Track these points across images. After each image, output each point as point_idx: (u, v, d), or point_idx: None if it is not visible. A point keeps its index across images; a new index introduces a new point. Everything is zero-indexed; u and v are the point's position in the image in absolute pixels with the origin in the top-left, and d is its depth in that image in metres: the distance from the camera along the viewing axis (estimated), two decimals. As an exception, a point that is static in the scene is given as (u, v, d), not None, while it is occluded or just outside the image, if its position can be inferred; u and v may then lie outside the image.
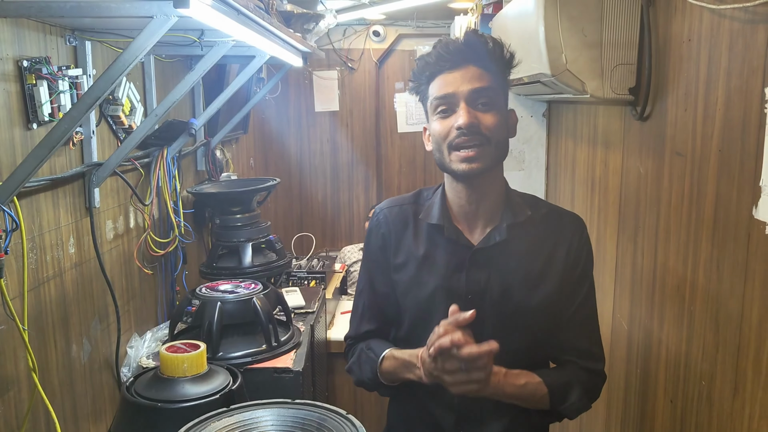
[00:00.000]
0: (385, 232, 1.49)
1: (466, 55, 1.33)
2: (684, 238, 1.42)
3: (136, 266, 2.39)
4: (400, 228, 1.48)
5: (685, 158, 1.41)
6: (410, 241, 1.46)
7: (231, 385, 1.90)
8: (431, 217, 1.44)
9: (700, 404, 1.34)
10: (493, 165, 1.36)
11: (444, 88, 1.33)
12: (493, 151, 1.33)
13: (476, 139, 1.31)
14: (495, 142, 1.33)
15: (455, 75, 1.33)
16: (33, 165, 1.46)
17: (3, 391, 1.57)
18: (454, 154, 1.33)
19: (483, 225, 1.41)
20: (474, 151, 1.31)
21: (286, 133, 4.81)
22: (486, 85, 1.33)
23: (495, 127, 1.32)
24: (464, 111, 1.30)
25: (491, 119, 1.32)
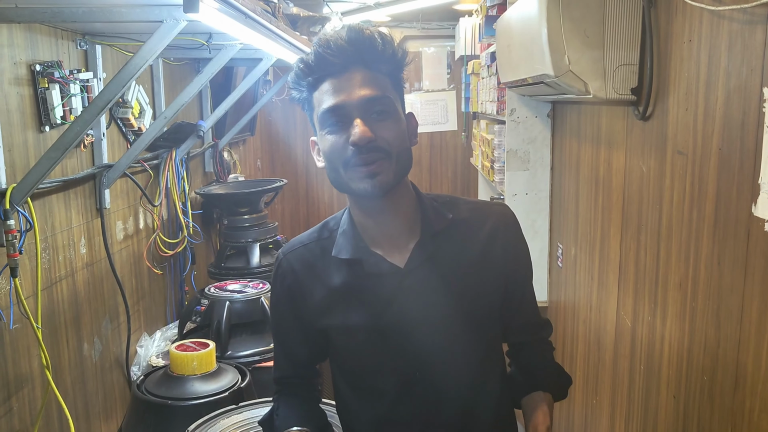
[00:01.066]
0: (291, 283, 1.27)
1: (353, 56, 1.13)
2: (686, 236, 1.43)
3: (146, 266, 2.42)
4: (309, 272, 1.26)
5: (686, 157, 1.43)
6: (324, 284, 1.25)
7: (240, 383, 1.93)
8: (344, 251, 1.23)
9: (702, 399, 1.35)
10: (398, 180, 1.16)
11: (332, 99, 1.13)
12: (395, 166, 1.14)
13: (375, 156, 1.12)
14: (396, 155, 1.14)
15: (342, 81, 1.13)
16: (46, 167, 1.50)
17: (18, 389, 1.61)
18: (351, 172, 1.13)
19: (404, 243, 1.22)
20: (374, 165, 1.12)
21: (292, 135, 4.84)
22: (379, 92, 1.13)
23: (394, 138, 1.13)
24: (359, 124, 1.11)
25: (389, 130, 1.13)
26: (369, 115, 1.13)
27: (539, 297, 2.80)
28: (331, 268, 1.24)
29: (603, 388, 2.07)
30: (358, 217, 1.23)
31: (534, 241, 2.80)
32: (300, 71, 1.16)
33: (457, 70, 4.72)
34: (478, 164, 3.83)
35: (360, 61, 1.13)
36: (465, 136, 4.63)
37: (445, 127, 4.84)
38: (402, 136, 1.16)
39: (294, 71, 1.17)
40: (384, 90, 1.14)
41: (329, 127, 1.14)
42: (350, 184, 1.15)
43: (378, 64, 1.15)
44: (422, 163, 4.86)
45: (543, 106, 2.75)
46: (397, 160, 1.14)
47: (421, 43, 4.75)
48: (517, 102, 2.76)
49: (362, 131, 1.10)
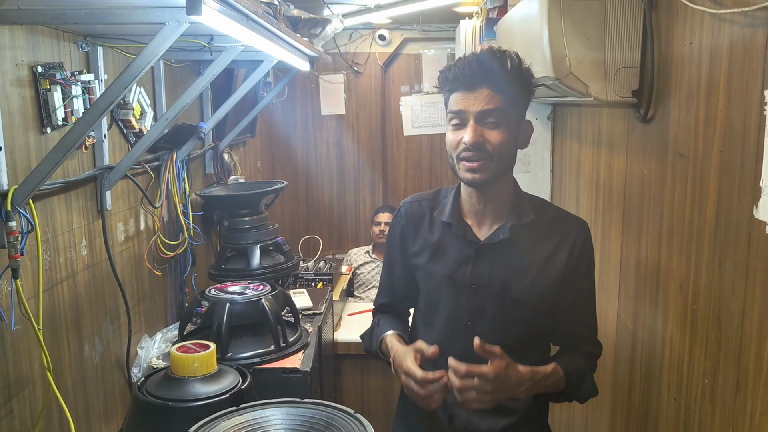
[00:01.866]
0: (404, 224, 1.67)
1: (481, 77, 1.43)
2: (687, 238, 1.44)
3: (147, 268, 2.43)
4: (418, 221, 1.65)
5: (687, 159, 1.44)
6: (426, 233, 1.63)
7: (240, 384, 1.92)
8: (444, 214, 1.59)
9: (703, 401, 1.36)
10: (496, 177, 1.47)
11: (457, 105, 1.45)
12: (496, 165, 1.45)
13: (480, 155, 1.44)
14: (498, 158, 1.45)
15: (468, 95, 1.44)
16: (48, 168, 1.50)
17: (18, 390, 1.61)
18: (461, 164, 1.47)
19: (490, 223, 1.55)
20: (477, 164, 1.44)
21: (293, 137, 4.84)
22: (495, 106, 1.43)
23: (500, 144, 1.44)
24: (471, 129, 1.43)
25: (497, 137, 1.43)
26: (483, 123, 1.44)
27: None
28: (432, 224, 1.62)
29: (603, 390, 2.07)
30: (463, 193, 1.58)
31: (534, 243, 2.80)
32: (442, 80, 1.50)
33: (458, 73, 4.71)
34: (478, 166, 3.84)
35: (486, 80, 1.43)
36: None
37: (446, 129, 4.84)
38: (508, 142, 1.46)
39: (439, 77, 1.51)
40: (499, 104, 1.43)
41: (453, 124, 1.48)
42: (458, 172, 1.49)
43: (501, 83, 1.43)
44: (422, 165, 4.86)
45: (543, 108, 2.76)
46: (498, 162, 1.45)
47: (421, 45, 4.76)
48: (517, 104, 2.76)
49: (473, 134, 1.42)
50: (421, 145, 4.83)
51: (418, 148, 4.85)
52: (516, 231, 1.51)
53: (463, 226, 1.56)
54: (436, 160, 4.88)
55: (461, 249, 1.56)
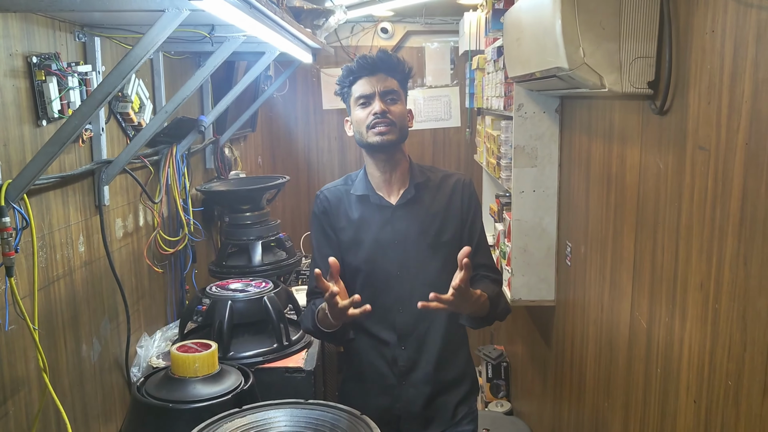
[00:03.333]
0: (326, 206, 1.95)
1: (379, 65, 1.85)
2: (708, 234, 1.38)
3: (146, 265, 2.37)
4: (337, 201, 1.94)
5: (708, 152, 1.38)
6: (346, 211, 1.93)
7: (243, 385, 1.88)
8: (358, 190, 1.92)
9: (726, 404, 1.30)
10: (399, 141, 1.86)
11: (363, 89, 1.85)
12: (398, 131, 1.84)
13: (386, 121, 1.82)
14: (399, 125, 1.84)
15: (371, 79, 1.85)
16: (43, 162, 1.44)
17: (14, 392, 1.55)
18: (371, 132, 1.83)
19: (397, 189, 1.91)
20: (386, 128, 1.82)
21: (294, 131, 4.78)
22: (393, 87, 1.86)
23: (399, 115, 1.85)
24: (378, 102, 1.83)
25: (397, 109, 1.85)
26: (385, 99, 1.85)
27: (546, 296, 2.76)
28: (351, 202, 1.93)
29: (615, 391, 2.01)
30: (370, 169, 1.92)
31: (541, 239, 2.75)
32: (346, 73, 1.89)
33: (461, 66, 4.66)
34: (482, 161, 3.77)
35: (383, 68, 1.86)
36: (469, 132, 4.57)
37: (449, 123, 4.78)
38: (404, 116, 1.88)
39: (341, 75, 1.91)
40: (395, 87, 1.88)
41: (360, 105, 1.85)
42: (368, 139, 1.84)
43: (393, 71, 1.88)
44: (425, 160, 4.79)
45: (551, 101, 2.70)
46: (399, 129, 1.85)
47: (424, 38, 4.69)
48: (524, 97, 2.70)
49: (381, 105, 1.83)
50: (423, 140, 4.77)
51: (420, 143, 4.79)
52: (418, 189, 1.90)
53: (378, 196, 1.91)
54: (439, 155, 4.82)
55: (380, 214, 1.90)
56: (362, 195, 1.91)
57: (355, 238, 1.91)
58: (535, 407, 3.30)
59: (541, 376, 3.10)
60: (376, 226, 1.90)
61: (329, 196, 1.97)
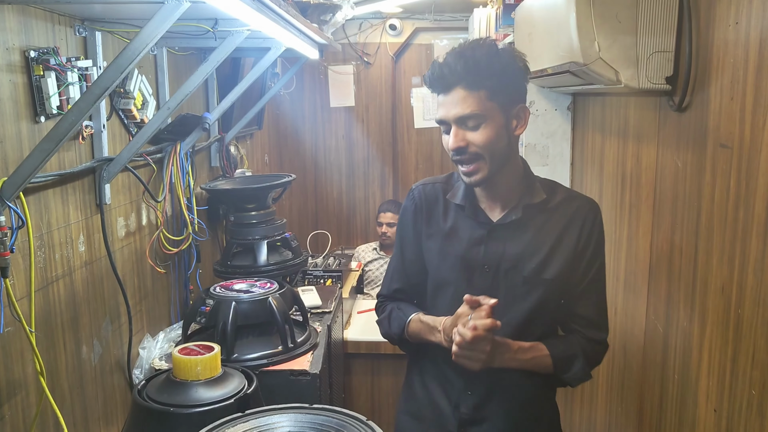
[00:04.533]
0: (418, 204, 1.66)
1: (452, 79, 1.42)
2: (730, 236, 1.32)
3: (149, 265, 2.32)
4: (432, 203, 1.64)
5: (730, 150, 1.32)
6: (439, 216, 1.62)
7: (246, 388, 1.83)
8: (456, 197, 1.60)
9: (750, 415, 1.24)
10: (493, 173, 1.48)
11: (439, 112, 1.47)
12: (488, 164, 1.46)
13: (469, 158, 1.45)
14: (489, 155, 1.45)
15: (445, 100, 1.45)
16: (39, 159, 1.40)
17: (10, 396, 1.51)
18: (458, 167, 1.51)
19: (502, 206, 1.56)
20: (469, 167, 1.47)
21: (301, 129, 4.73)
22: (471, 109, 1.42)
23: (485, 143, 1.44)
24: (453, 136, 1.45)
25: (480, 138, 1.43)
26: (464, 125, 1.44)
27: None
28: (446, 206, 1.62)
29: (630, 396, 1.95)
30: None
31: (552, 239, 2.68)
32: (426, 82, 1.50)
33: (470, 64, 4.59)
34: (492, 160, 3.72)
35: (458, 82, 1.42)
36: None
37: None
38: (495, 139, 1.45)
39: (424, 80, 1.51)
40: (476, 105, 1.42)
41: (443, 129, 1.50)
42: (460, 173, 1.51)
43: (475, 81, 1.41)
44: (434, 159, 4.74)
45: (563, 98, 2.64)
46: (490, 159, 1.46)
47: (433, 35, 4.63)
48: (536, 94, 2.64)
49: (453, 142, 1.45)
50: (432, 138, 4.71)
51: (429, 141, 4.73)
52: (528, 211, 1.53)
53: (476, 209, 1.57)
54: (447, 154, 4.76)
55: (474, 230, 1.57)
56: (458, 204, 1.59)
57: (441, 250, 1.61)
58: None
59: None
60: (468, 243, 1.57)
61: (424, 195, 1.66)
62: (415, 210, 1.66)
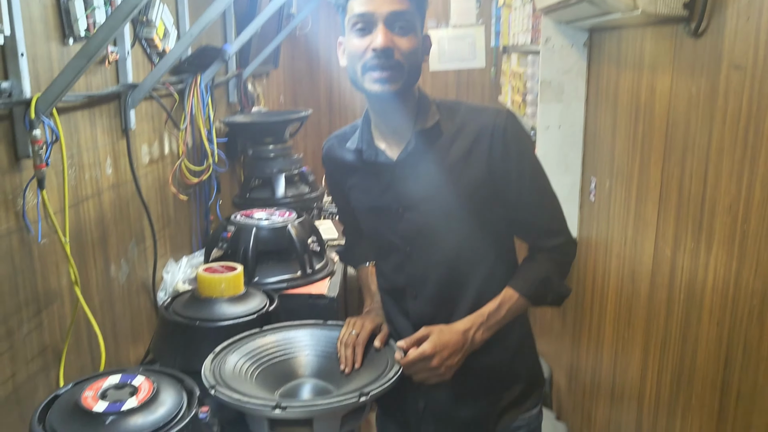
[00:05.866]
0: (327, 164, 1.61)
1: None
2: (739, 155, 1.36)
3: (171, 192, 2.39)
4: (340, 155, 1.54)
5: (744, 71, 1.34)
6: (345, 171, 1.54)
7: (268, 306, 1.91)
8: (352, 141, 1.50)
9: (750, 324, 1.30)
10: (406, 89, 1.37)
11: (363, 6, 1.32)
12: (406, 76, 1.34)
13: (390, 63, 1.32)
14: (408, 67, 1.34)
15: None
16: (71, 76, 1.45)
17: (47, 304, 1.60)
18: (368, 75, 1.34)
19: (399, 141, 1.44)
20: (387, 73, 1.32)
21: (315, 70, 4.74)
22: (405, 8, 1.32)
23: (410, 52, 1.34)
24: (381, 33, 1.30)
25: (407, 44, 1.33)
26: (392, 27, 1.32)
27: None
28: (349, 156, 1.50)
29: (636, 321, 2.02)
30: (372, 114, 1.47)
31: (565, 175, 2.72)
32: None
33: (487, 5, 4.55)
34: (507, 101, 3.72)
35: None
36: (494, 70, 4.49)
37: (473, 64, 4.70)
38: (417, 51, 1.36)
39: None
40: (409, 7, 1.32)
41: (357, 30, 1.33)
42: (364, 84, 1.35)
43: None
44: (448, 101, 4.74)
45: (580, 34, 2.64)
46: (408, 72, 1.34)
47: (451, -25, 4.58)
48: (552, 30, 2.64)
49: (384, 39, 1.30)
50: (447, 81, 4.71)
51: (444, 84, 4.73)
52: (423, 138, 1.41)
53: (375, 150, 1.45)
54: (462, 96, 4.77)
55: (378, 174, 1.46)
56: (355, 149, 1.48)
57: (357, 203, 1.55)
58: (553, 347, 3.33)
59: (561, 315, 3.12)
60: (376, 189, 1.47)
61: (331, 152, 1.58)
62: (329, 169, 1.62)
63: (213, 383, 1.42)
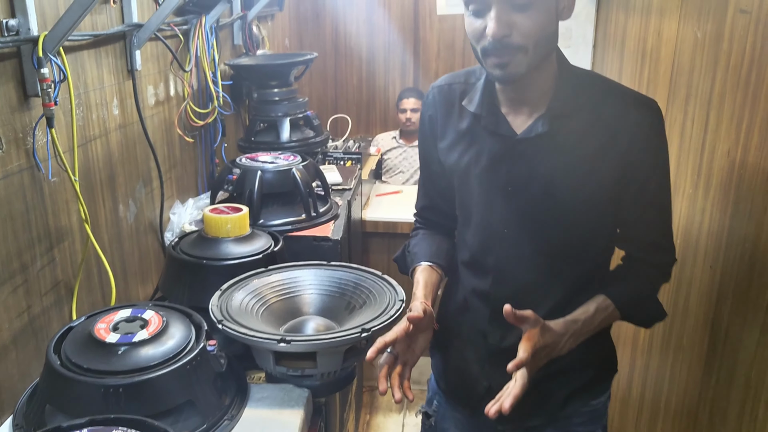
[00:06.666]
0: (432, 114, 1.44)
1: None
2: (740, 101, 1.37)
3: (177, 134, 2.41)
4: (447, 110, 1.39)
5: (749, 15, 1.34)
6: (455, 125, 1.38)
7: (273, 247, 1.95)
8: (472, 104, 1.33)
9: (741, 266, 1.34)
10: (532, 69, 1.19)
11: None
12: (531, 57, 1.17)
13: (509, 50, 1.15)
14: (533, 47, 1.16)
15: None
16: (77, 14, 1.45)
17: (59, 241, 1.64)
18: (488, 60, 1.19)
19: (529, 112, 1.27)
20: (508, 58, 1.16)
21: (321, 13, 4.68)
22: None
23: (533, 31, 1.14)
24: (495, 20, 1.13)
25: (529, 22, 1.13)
26: (509, 4, 1.12)
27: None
28: (462, 113, 1.36)
29: (633, 265, 2.06)
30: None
31: (570, 122, 2.73)
32: None
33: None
34: (514, 46, 3.69)
35: None
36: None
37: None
38: (544, 24, 1.15)
39: None
40: None
41: (471, 9, 1.17)
42: (486, 67, 1.21)
43: None
44: (455, 47, 4.70)
45: (589, -23, 2.60)
46: (534, 51, 1.16)
47: None
48: (561, -27, 2.60)
49: (496, 28, 1.13)
50: (455, 25, 4.64)
51: (452, 29, 4.66)
52: (557, 121, 1.24)
53: (496, 118, 1.30)
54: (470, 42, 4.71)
55: (494, 145, 1.31)
56: (474, 114, 1.33)
57: (457, 168, 1.38)
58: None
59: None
60: (487, 159, 1.32)
61: (438, 100, 1.41)
62: (431, 119, 1.44)
63: (220, 318, 1.47)
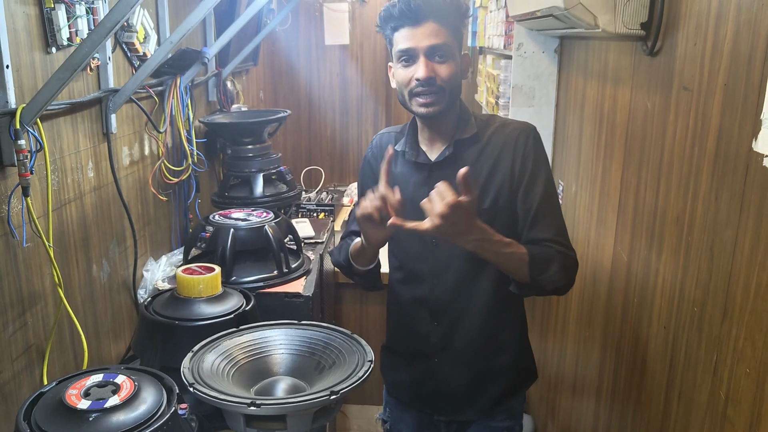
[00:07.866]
0: (375, 153, 1.80)
1: (426, 12, 1.52)
2: (686, 171, 1.46)
3: (151, 193, 2.45)
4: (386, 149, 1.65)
5: (691, 93, 1.44)
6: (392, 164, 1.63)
7: (245, 306, 1.99)
8: (400, 144, 1.72)
9: (691, 328, 1.41)
10: (448, 107, 1.59)
11: (406, 42, 1.54)
12: (447, 98, 1.57)
13: (433, 89, 1.54)
14: (449, 90, 1.56)
15: (416, 31, 1.53)
16: (55, 88, 1.50)
17: (31, 305, 1.66)
18: (414, 100, 1.57)
19: (440, 146, 1.67)
20: (431, 98, 1.55)
21: (296, 66, 4.79)
22: (442, 41, 1.53)
23: (449, 77, 1.55)
24: (423, 65, 1.52)
25: (446, 70, 1.54)
26: (432, 58, 1.53)
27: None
28: (396, 155, 1.69)
29: (596, 321, 2.13)
30: (418, 123, 1.69)
31: (535, 177, 2.82)
32: (386, 17, 1.58)
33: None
34: (482, 101, 3.81)
35: (430, 15, 1.52)
36: (471, 71, 4.57)
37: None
38: (456, 75, 1.58)
39: (381, 15, 1.60)
40: (446, 39, 1.54)
41: (402, 62, 1.57)
42: (411, 107, 1.59)
43: (444, 17, 1.54)
44: (426, 99, 4.81)
45: (551, 41, 2.73)
46: (449, 93, 1.57)
47: (429, -26, 4.64)
48: (524, 36, 2.73)
49: (425, 70, 1.52)
50: (425, 78, 4.78)
51: (422, 82, 4.80)
52: (460, 145, 1.63)
53: (417, 152, 1.68)
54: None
55: (417, 173, 1.67)
56: (401, 150, 1.70)
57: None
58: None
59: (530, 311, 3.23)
60: (413, 185, 1.67)
61: (381, 143, 1.79)
62: (372, 157, 1.79)
63: (192, 381, 1.49)
